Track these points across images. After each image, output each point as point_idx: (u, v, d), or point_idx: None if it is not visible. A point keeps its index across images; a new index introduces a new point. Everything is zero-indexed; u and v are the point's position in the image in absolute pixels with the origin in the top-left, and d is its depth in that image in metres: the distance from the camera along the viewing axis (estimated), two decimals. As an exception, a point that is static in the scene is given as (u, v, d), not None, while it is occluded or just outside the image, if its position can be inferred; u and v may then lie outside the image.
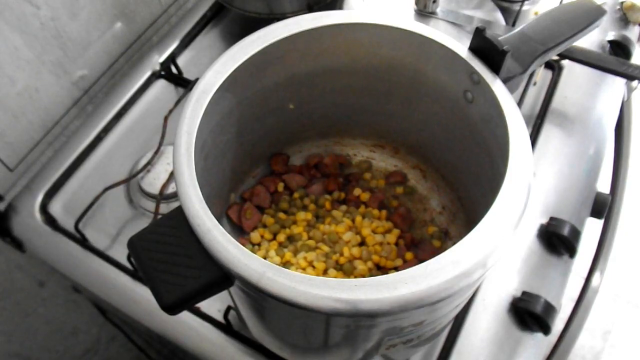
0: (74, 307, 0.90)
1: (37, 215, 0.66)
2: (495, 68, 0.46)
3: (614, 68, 0.65)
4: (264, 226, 0.60)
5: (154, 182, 0.66)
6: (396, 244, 0.58)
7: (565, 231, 0.61)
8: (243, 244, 0.41)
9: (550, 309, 0.57)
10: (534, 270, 0.61)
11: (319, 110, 0.60)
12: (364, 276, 0.56)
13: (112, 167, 0.70)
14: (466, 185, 0.57)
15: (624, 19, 0.79)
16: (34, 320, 0.85)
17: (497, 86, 0.45)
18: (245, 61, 0.47)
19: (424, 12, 0.70)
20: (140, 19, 0.79)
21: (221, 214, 0.59)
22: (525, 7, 0.78)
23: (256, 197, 0.61)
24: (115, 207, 0.67)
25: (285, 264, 0.56)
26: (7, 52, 0.62)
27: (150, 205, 0.66)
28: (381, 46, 0.51)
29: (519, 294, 0.59)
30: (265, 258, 0.51)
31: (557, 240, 0.62)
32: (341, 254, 0.56)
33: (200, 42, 0.82)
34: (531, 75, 0.73)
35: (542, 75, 0.75)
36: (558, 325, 0.59)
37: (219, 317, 0.58)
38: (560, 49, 0.52)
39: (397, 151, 0.64)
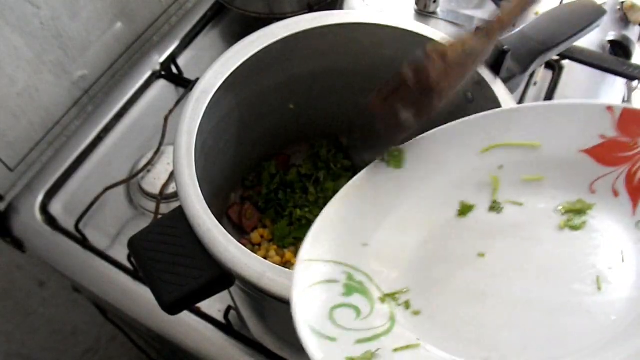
0: (74, 307, 0.90)
1: (38, 215, 0.66)
2: (495, 68, 0.46)
3: (614, 68, 0.65)
4: (264, 226, 0.60)
5: (154, 182, 0.66)
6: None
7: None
8: (243, 244, 0.41)
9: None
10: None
11: (319, 110, 0.60)
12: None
13: (112, 167, 0.70)
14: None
15: (624, 19, 0.79)
16: (34, 320, 0.85)
17: (497, 86, 0.45)
18: (246, 61, 0.47)
19: (424, 12, 0.70)
20: (140, 19, 0.79)
21: (221, 214, 0.59)
22: (525, 7, 0.78)
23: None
24: (116, 207, 0.67)
25: (286, 264, 0.56)
26: (7, 52, 0.62)
27: (151, 205, 0.66)
28: (381, 46, 0.51)
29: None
30: (265, 258, 0.51)
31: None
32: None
33: (201, 42, 0.82)
34: (531, 75, 0.73)
35: (542, 75, 0.75)
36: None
37: (219, 317, 0.58)
38: (561, 49, 0.52)
39: (397, 151, 0.64)
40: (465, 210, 0.40)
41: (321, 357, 0.33)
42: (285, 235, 0.58)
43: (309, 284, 0.36)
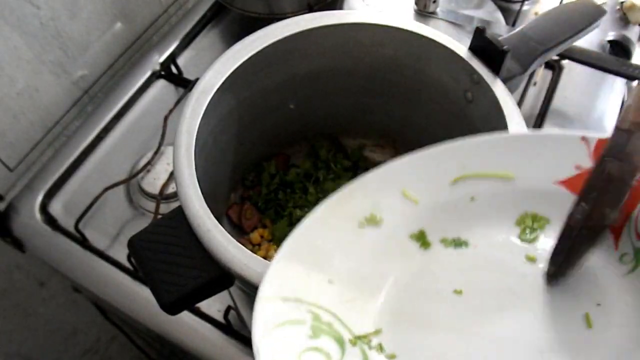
0: (74, 307, 0.90)
1: (37, 215, 0.66)
2: (495, 68, 0.46)
3: (614, 68, 0.65)
4: (264, 226, 0.60)
5: (154, 182, 0.66)
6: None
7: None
8: (243, 244, 0.41)
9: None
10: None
11: (319, 110, 0.60)
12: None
13: (112, 167, 0.70)
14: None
15: (624, 19, 0.79)
16: (34, 320, 0.85)
17: (497, 86, 0.45)
18: (245, 61, 0.47)
19: (424, 12, 0.70)
20: (140, 19, 0.79)
21: (221, 214, 0.59)
22: (525, 7, 0.78)
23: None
24: (115, 207, 0.67)
25: (286, 264, 0.55)
26: (7, 52, 0.62)
27: (151, 205, 0.66)
28: (381, 46, 0.51)
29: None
30: (265, 258, 0.51)
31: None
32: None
33: (201, 42, 0.82)
34: (531, 75, 0.73)
35: (542, 75, 0.75)
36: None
37: (219, 317, 0.58)
38: (560, 49, 0.52)
39: (397, 151, 0.64)
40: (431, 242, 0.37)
41: None
42: (285, 235, 0.57)
43: (272, 325, 0.33)
